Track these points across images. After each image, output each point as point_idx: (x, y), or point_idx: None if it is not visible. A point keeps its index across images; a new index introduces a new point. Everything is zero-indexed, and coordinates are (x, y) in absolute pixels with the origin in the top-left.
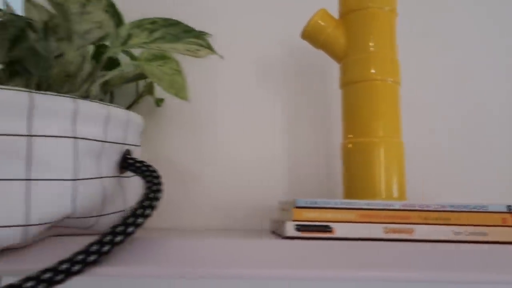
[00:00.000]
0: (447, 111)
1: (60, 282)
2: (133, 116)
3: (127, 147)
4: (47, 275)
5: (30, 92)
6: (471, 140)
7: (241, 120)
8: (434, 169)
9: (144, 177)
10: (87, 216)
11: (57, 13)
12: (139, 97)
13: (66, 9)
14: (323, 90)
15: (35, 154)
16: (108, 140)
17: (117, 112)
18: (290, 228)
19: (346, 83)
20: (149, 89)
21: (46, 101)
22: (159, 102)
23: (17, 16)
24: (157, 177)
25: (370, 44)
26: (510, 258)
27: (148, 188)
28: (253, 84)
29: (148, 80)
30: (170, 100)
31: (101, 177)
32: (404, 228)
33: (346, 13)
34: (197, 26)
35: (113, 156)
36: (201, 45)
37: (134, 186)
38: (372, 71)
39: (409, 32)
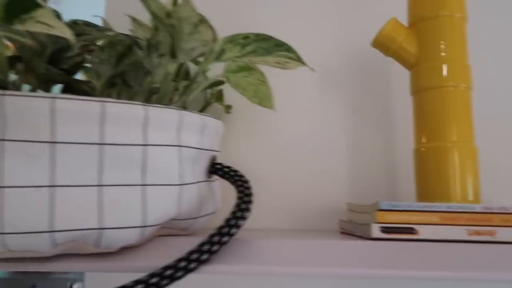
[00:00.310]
0: None
1: (179, 278)
2: (219, 124)
3: (214, 153)
4: (169, 272)
5: (145, 105)
6: None
7: (304, 124)
8: (505, 172)
9: (234, 181)
10: (188, 218)
11: (164, 32)
12: (207, 104)
13: (178, 30)
14: (385, 94)
15: (149, 162)
16: (203, 148)
17: (210, 121)
18: (375, 230)
19: (419, 90)
20: (218, 97)
21: (158, 113)
22: (228, 109)
23: (125, 35)
24: (247, 181)
25: (442, 51)
26: None
27: (241, 192)
28: (316, 88)
29: (216, 88)
30: (236, 107)
31: (198, 182)
32: (487, 230)
33: (417, 21)
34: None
35: (205, 162)
36: (291, 58)
37: (218, 189)
38: (445, 78)
39: (480, 36)
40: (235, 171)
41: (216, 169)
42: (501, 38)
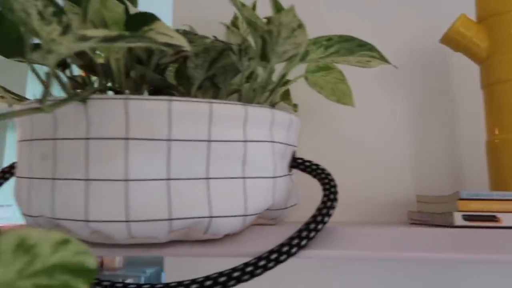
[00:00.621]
0: None
1: (282, 261)
2: (299, 122)
3: (295, 148)
4: (274, 256)
5: (244, 105)
6: None
7: (369, 119)
8: None
9: (316, 174)
10: (278, 209)
11: (255, 36)
12: (273, 103)
13: (275, 34)
14: (449, 89)
15: (248, 157)
16: (289, 143)
17: (294, 119)
18: (458, 218)
19: (491, 83)
20: (285, 95)
21: (255, 111)
22: (295, 107)
23: (219, 41)
24: (329, 174)
25: None
26: None
27: (327, 183)
28: (381, 84)
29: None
30: (301, 105)
31: (286, 175)
32: None
33: (487, 17)
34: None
35: (288, 157)
36: (373, 57)
37: (295, 183)
38: None
39: None
40: (316, 165)
41: (297, 163)
42: None
